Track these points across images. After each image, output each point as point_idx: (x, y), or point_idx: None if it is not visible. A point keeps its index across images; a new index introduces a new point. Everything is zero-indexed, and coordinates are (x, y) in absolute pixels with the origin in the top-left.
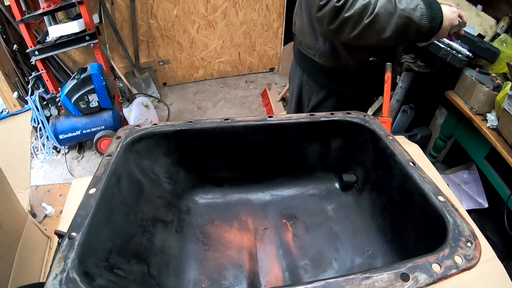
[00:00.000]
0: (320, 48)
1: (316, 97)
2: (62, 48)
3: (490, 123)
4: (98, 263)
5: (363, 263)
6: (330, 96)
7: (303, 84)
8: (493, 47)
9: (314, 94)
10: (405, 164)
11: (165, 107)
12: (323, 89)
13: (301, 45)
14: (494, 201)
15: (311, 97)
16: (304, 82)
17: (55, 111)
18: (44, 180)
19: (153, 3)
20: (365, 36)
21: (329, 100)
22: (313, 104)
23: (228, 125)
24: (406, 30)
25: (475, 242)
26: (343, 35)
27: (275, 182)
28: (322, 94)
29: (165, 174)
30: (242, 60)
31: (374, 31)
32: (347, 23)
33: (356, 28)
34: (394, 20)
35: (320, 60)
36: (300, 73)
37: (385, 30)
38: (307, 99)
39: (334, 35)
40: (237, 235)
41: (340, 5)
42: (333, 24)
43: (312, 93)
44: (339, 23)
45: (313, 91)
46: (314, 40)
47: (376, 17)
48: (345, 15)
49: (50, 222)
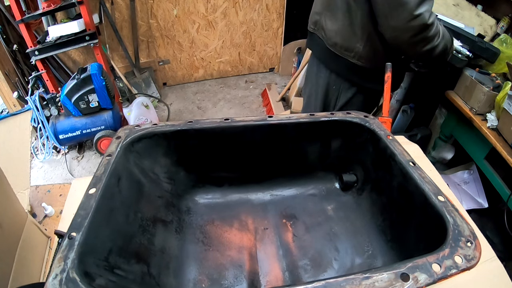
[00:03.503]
0: (359, 50)
1: (344, 96)
2: (62, 48)
3: (490, 123)
4: (98, 263)
5: (363, 263)
6: (358, 93)
7: (330, 84)
8: (493, 47)
9: (343, 93)
10: (405, 164)
11: (165, 107)
12: (352, 87)
13: (335, 47)
14: (494, 201)
15: (339, 96)
16: (331, 82)
17: (55, 111)
18: (44, 180)
19: (153, 3)
20: (426, 53)
21: (358, 97)
22: (342, 102)
23: (228, 125)
24: (443, 54)
25: (475, 242)
26: (415, 49)
27: (275, 182)
28: (351, 92)
29: (165, 174)
30: (242, 60)
31: (432, 52)
32: (425, 40)
33: (427, 46)
34: (442, 45)
35: (359, 62)
36: (327, 74)
37: (436, 51)
38: (335, 99)
39: (408, 46)
40: (237, 235)
41: (430, 23)
42: (416, 38)
43: (340, 92)
44: (420, 38)
45: (341, 90)
46: (353, 42)
47: (440, 42)
48: (428, 34)
49: (50, 222)
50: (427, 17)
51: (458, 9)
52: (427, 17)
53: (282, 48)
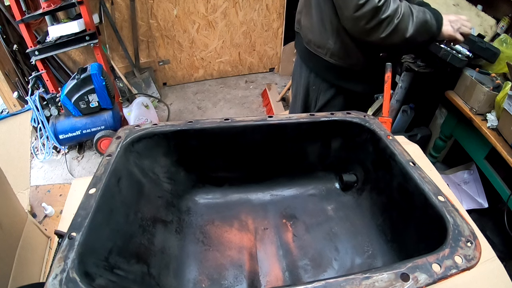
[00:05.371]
0: (331, 47)
1: (324, 97)
2: (62, 48)
3: (490, 123)
4: (98, 263)
5: (363, 263)
6: (338, 95)
7: (310, 84)
8: (493, 47)
9: (322, 94)
10: (405, 164)
11: (165, 107)
12: (331, 88)
13: (310, 44)
14: (494, 201)
15: (319, 97)
16: (311, 82)
17: (55, 111)
18: (44, 180)
19: (153, 3)
20: (393, 36)
21: (337, 99)
22: (321, 103)
23: (228, 125)
24: (422, 28)
25: (475, 242)
26: (375, 35)
27: (275, 182)
28: (330, 93)
29: (165, 174)
30: (242, 60)
31: (401, 31)
32: (383, 23)
33: (388, 28)
34: (414, 21)
35: (331, 59)
36: (307, 73)
37: (408, 29)
38: (314, 99)
39: (367, 34)
40: (237, 235)
41: (380, 5)
42: (370, 23)
43: (319, 93)
44: (376, 22)
45: (320, 90)
46: (325, 39)
47: (403, 17)
48: (382, 16)
49: (50, 222)
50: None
51: (458, 9)
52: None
53: (282, 48)
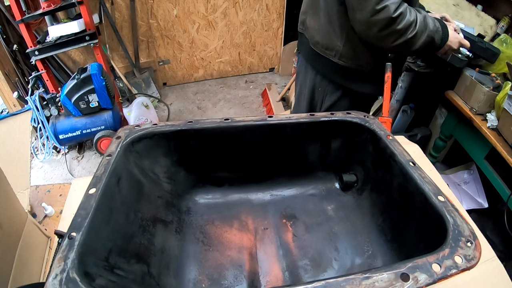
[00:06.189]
0: (340, 49)
1: (330, 98)
2: (62, 48)
3: (490, 123)
4: (98, 263)
5: (363, 263)
6: (344, 96)
7: (316, 85)
8: (493, 47)
9: (328, 95)
10: (405, 164)
11: (165, 107)
12: (337, 90)
13: (317, 46)
14: (494, 201)
15: (325, 99)
16: (317, 83)
17: (55, 111)
18: (44, 180)
19: (153, 3)
20: (401, 47)
21: (343, 101)
22: (327, 105)
23: (228, 125)
24: (428, 46)
25: (475, 242)
26: (385, 43)
27: (275, 182)
28: (337, 95)
29: (165, 174)
30: (242, 60)
31: (409, 45)
32: (395, 34)
33: (399, 40)
34: (423, 37)
35: (340, 61)
36: (313, 75)
37: (416, 44)
38: (320, 101)
39: (377, 40)
40: (237, 235)
41: (395, 16)
42: (383, 32)
43: (325, 95)
44: (388, 32)
45: (326, 92)
46: (333, 40)
47: (416, 34)
48: (396, 27)
49: (50, 222)
50: (392, 10)
51: (458, 9)
52: (392, 10)
53: (282, 48)
